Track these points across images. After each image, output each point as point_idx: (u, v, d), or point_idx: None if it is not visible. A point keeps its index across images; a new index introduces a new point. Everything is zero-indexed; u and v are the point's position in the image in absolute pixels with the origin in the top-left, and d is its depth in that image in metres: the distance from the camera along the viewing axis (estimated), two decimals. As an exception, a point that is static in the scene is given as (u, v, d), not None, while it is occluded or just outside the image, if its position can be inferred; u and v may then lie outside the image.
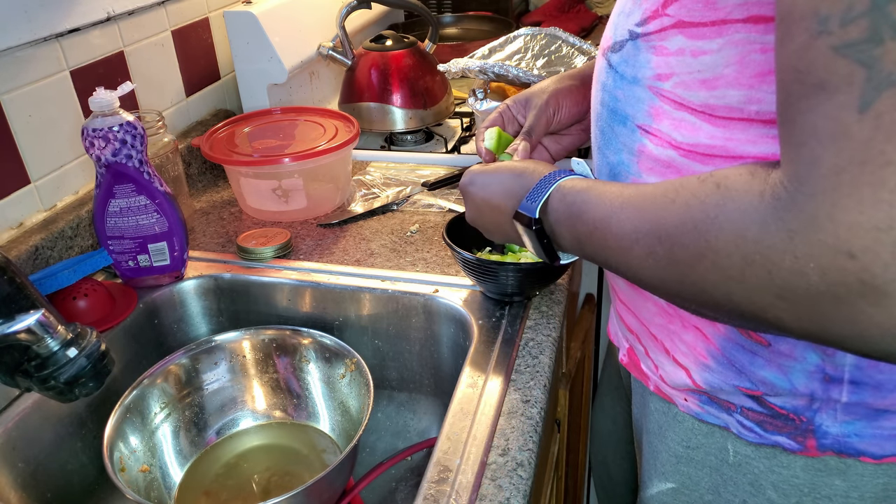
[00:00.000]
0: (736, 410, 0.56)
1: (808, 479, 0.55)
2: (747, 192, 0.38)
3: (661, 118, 0.51)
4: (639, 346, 0.63)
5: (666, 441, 0.63)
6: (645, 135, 0.52)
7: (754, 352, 0.52)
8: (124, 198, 0.79)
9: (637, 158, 0.54)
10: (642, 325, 0.62)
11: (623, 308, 0.64)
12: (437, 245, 0.92)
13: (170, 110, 1.10)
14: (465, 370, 0.70)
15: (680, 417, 0.61)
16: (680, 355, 0.58)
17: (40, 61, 0.85)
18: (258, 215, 1.02)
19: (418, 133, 1.27)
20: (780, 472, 0.56)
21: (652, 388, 0.63)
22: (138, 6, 0.99)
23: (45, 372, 0.54)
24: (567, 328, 0.93)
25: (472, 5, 1.78)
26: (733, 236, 0.38)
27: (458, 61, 1.12)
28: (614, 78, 0.54)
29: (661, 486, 0.65)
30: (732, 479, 0.59)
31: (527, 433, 0.63)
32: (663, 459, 0.64)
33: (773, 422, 0.54)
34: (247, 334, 0.81)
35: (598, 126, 0.58)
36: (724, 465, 0.59)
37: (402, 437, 0.88)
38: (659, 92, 0.50)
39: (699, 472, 0.61)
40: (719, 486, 0.60)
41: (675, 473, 0.63)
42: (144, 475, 0.71)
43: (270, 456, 0.79)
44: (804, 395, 0.52)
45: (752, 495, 0.58)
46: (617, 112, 0.55)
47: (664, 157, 0.51)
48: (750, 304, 0.39)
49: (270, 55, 1.14)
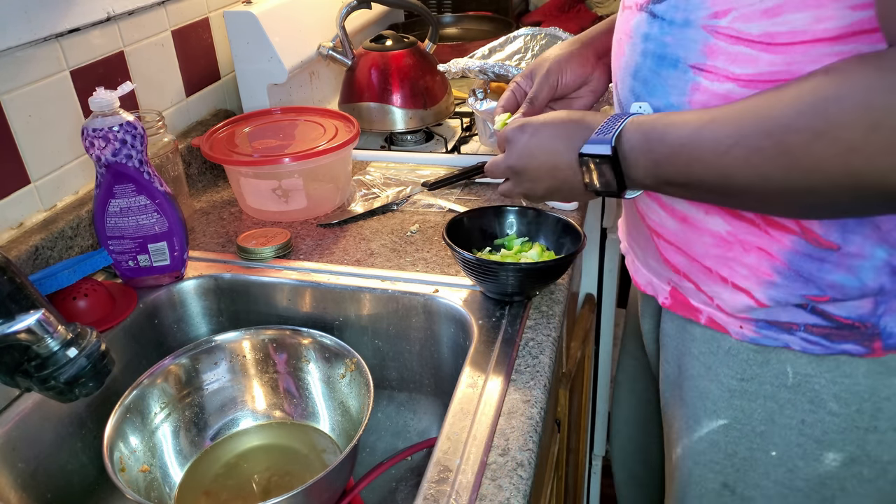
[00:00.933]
0: (799, 329, 0.59)
1: (868, 384, 0.58)
2: (864, 68, 0.43)
3: (716, 55, 0.54)
4: (687, 283, 0.65)
5: (718, 377, 0.65)
6: (699, 73, 0.55)
7: (822, 258, 0.56)
8: (124, 198, 0.79)
9: (689, 98, 0.57)
10: (693, 260, 0.63)
11: (670, 248, 0.65)
12: (437, 245, 0.92)
13: (170, 110, 1.10)
14: (465, 370, 0.70)
15: (733, 350, 0.64)
16: (740, 279, 0.60)
17: (40, 61, 0.85)
18: (258, 215, 1.02)
19: (418, 133, 1.27)
20: (842, 382, 0.59)
21: (703, 321, 0.65)
22: (138, 6, 0.99)
23: (45, 372, 0.54)
24: (567, 328, 0.93)
25: (472, 5, 1.78)
26: (858, 107, 0.43)
27: (458, 61, 1.12)
28: (661, 26, 0.57)
29: (712, 425, 0.67)
30: (790, 401, 0.61)
31: (527, 433, 0.63)
32: (714, 397, 0.66)
33: (839, 332, 0.58)
34: (247, 334, 0.81)
35: (639, 77, 0.61)
36: (782, 389, 0.62)
37: (402, 437, 0.88)
38: (714, 29, 0.53)
39: (752, 403, 0.64)
40: (774, 414, 0.63)
41: (728, 409, 0.65)
42: (144, 475, 0.71)
43: (270, 456, 0.79)
44: (872, 291, 0.55)
45: (811, 412, 0.61)
46: (666, 57, 0.57)
47: (722, 91, 0.54)
48: (872, 171, 0.44)
49: (270, 55, 1.14)
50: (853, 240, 0.54)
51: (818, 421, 0.61)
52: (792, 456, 0.63)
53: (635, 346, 0.90)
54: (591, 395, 1.36)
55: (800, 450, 0.63)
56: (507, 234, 0.85)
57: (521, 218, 0.85)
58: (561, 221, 0.82)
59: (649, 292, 0.72)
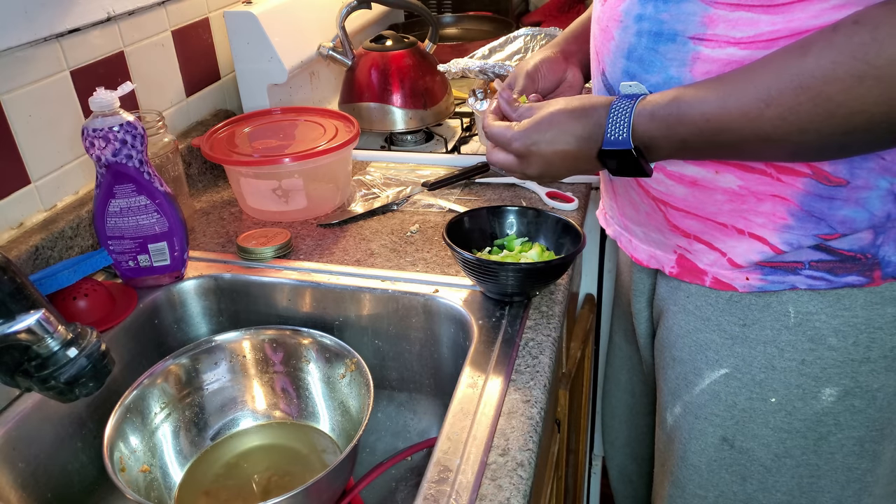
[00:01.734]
0: (804, 267, 0.62)
1: (865, 315, 0.62)
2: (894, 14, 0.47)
3: (716, 24, 0.56)
4: (697, 245, 0.67)
5: (720, 326, 0.68)
6: (699, 43, 0.57)
7: (832, 196, 0.59)
8: (124, 198, 0.79)
9: (690, 68, 0.59)
10: (706, 220, 0.65)
11: (678, 214, 0.67)
12: (437, 245, 0.92)
13: (170, 110, 1.10)
14: (465, 370, 0.70)
15: (735, 298, 0.67)
16: (756, 228, 0.63)
17: (40, 61, 0.85)
18: (258, 215, 1.02)
19: (418, 133, 1.27)
20: (842, 315, 0.62)
21: (708, 283, 0.67)
22: (138, 6, 0.99)
23: (45, 372, 0.54)
24: (567, 328, 0.93)
25: (472, 5, 1.78)
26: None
27: (458, 61, 1.12)
28: (655, 5, 0.60)
29: (713, 375, 0.69)
30: (791, 342, 0.65)
31: (527, 433, 0.63)
32: (716, 346, 0.69)
33: (842, 265, 0.61)
34: (247, 334, 0.81)
35: (634, 56, 0.62)
36: (783, 331, 0.65)
37: (402, 437, 0.88)
38: (713, 0, 0.56)
39: (753, 350, 0.67)
40: (774, 359, 0.66)
41: (729, 357, 0.68)
42: (144, 475, 0.71)
43: (270, 456, 0.79)
44: (880, 220, 0.59)
45: (811, 351, 0.64)
46: (663, 33, 0.60)
47: (723, 56, 0.56)
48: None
49: (270, 55, 1.14)
50: (860, 174, 0.57)
51: (818, 358, 0.64)
52: (791, 398, 0.66)
53: (621, 338, 0.92)
54: (591, 395, 1.36)
55: (798, 391, 0.65)
56: (507, 234, 0.85)
57: (521, 218, 0.85)
58: (561, 221, 0.82)
59: (653, 266, 0.73)
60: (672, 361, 0.74)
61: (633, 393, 0.94)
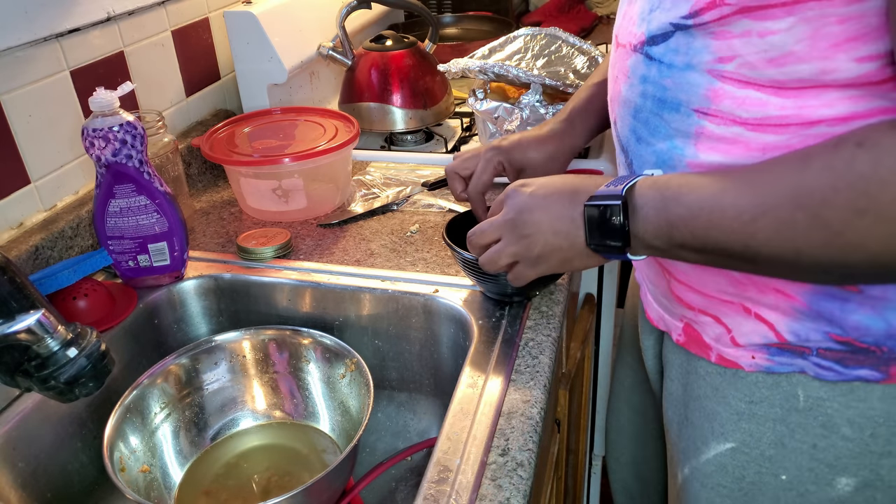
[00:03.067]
0: (812, 353, 0.57)
1: (884, 408, 0.56)
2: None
3: (720, 99, 0.51)
4: (704, 317, 0.63)
5: (726, 400, 0.63)
6: (703, 117, 0.53)
7: (845, 299, 0.53)
8: (124, 198, 0.79)
9: (694, 140, 0.54)
10: (711, 297, 0.61)
11: (682, 287, 0.63)
12: (437, 245, 0.92)
13: (170, 110, 1.10)
14: (465, 370, 0.70)
15: (742, 374, 0.61)
16: (763, 310, 0.58)
17: (40, 61, 0.85)
18: (258, 215, 1.02)
19: (418, 133, 1.27)
20: (857, 407, 0.57)
21: (713, 359, 0.63)
22: (138, 6, 0.99)
23: (45, 372, 0.54)
24: (567, 328, 0.93)
25: (472, 5, 1.78)
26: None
27: (458, 61, 1.12)
28: (659, 69, 0.55)
29: (719, 448, 0.65)
30: (801, 424, 0.59)
31: (527, 433, 0.63)
32: (722, 420, 0.64)
33: (853, 357, 0.55)
34: (247, 334, 0.81)
35: (641, 118, 0.59)
36: (793, 412, 0.59)
37: (402, 437, 0.88)
38: (720, 74, 0.51)
39: (761, 427, 0.61)
40: (784, 437, 0.61)
41: (736, 432, 0.63)
42: (144, 475, 0.71)
43: (270, 456, 0.79)
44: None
45: (823, 437, 0.59)
46: (666, 101, 0.55)
47: (729, 135, 0.52)
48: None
49: (270, 55, 1.14)
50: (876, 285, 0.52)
51: (830, 446, 0.59)
52: (803, 480, 0.61)
53: (633, 358, 0.88)
54: (591, 395, 1.36)
55: (811, 474, 0.60)
56: None
57: None
58: None
59: (661, 328, 0.70)
60: (679, 418, 0.70)
61: (643, 414, 0.90)
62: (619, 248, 0.55)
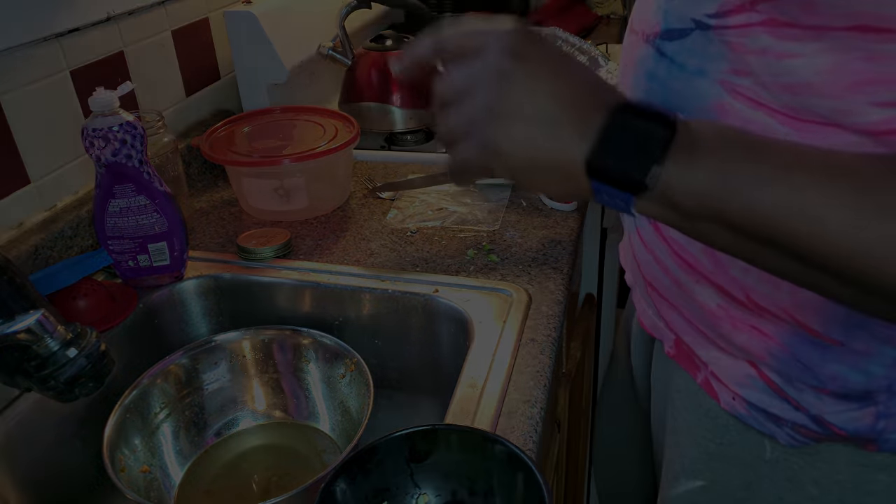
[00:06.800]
0: (786, 425, 0.54)
1: (851, 474, 0.54)
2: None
3: (727, 117, 0.46)
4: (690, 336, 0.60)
5: (696, 438, 0.61)
6: None
7: (825, 347, 0.49)
8: (124, 198, 0.79)
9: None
10: (689, 322, 0.57)
11: (664, 304, 0.60)
12: (437, 245, 0.92)
13: (170, 110, 1.10)
14: (465, 370, 0.70)
15: (714, 413, 0.59)
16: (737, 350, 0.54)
17: (40, 61, 0.85)
18: (259, 215, 1.02)
19: (418, 133, 1.27)
20: (822, 468, 0.54)
21: (699, 381, 0.60)
22: (138, 6, 0.99)
23: (45, 372, 0.54)
24: (567, 328, 0.93)
25: (472, 5, 1.78)
26: None
27: (458, 61, 1.12)
28: (669, 68, 0.49)
29: (689, 485, 0.63)
30: (768, 475, 0.58)
31: (527, 433, 0.63)
32: (693, 456, 0.62)
33: (830, 439, 0.53)
34: (247, 334, 0.81)
35: None
36: (760, 461, 0.58)
37: (402, 437, 0.88)
38: (733, 88, 0.45)
39: (731, 468, 0.60)
40: (753, 483, 0.59)
41: (706, 471, 0.62)
42: (144, 475, 0.71)
43: (270, 456, 0.79)
44: (881, 388, 0.49)
45: (789, 491, 0.57)
46: (669, 105, 0.49)
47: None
48: None
49: (270, 55, 1.14)
50: (858, 335, 0.48)
51: (797, 500, 0.57)
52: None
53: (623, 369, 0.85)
54: (591, 395, 1.36)
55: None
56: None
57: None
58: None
59: (656, 335, 0.66)
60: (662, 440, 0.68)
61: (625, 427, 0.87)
62: (631, 183, 0.39)
